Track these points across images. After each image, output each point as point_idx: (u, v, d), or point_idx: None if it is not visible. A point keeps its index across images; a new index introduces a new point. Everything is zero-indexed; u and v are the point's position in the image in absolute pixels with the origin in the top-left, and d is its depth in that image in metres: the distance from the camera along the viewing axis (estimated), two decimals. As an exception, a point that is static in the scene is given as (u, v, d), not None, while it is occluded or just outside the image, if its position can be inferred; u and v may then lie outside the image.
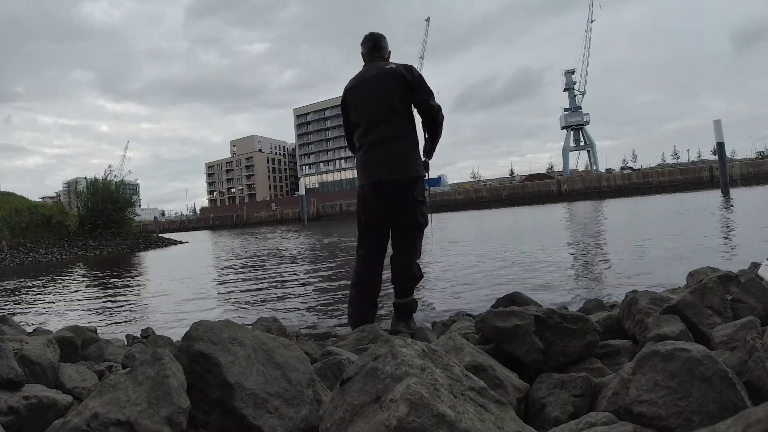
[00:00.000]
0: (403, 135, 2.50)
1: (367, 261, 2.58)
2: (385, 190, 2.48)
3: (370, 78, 2.56)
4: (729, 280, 2.01)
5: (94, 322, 4.01)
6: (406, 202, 2.50)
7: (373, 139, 2.50)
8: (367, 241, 2.59)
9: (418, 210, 2.53)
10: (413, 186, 2.50)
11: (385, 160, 2.47)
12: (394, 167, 2.46)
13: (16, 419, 1.17)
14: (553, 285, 4.19)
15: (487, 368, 1.22)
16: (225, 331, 1.20)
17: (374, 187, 2.50)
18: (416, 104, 2.54)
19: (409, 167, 2.49)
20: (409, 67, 2.54)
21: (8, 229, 17.28)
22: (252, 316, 3.87)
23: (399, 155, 2.48)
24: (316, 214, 51.72)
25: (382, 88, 2.50)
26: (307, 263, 8.46)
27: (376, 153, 2.49)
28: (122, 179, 24.15)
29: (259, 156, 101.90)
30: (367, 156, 2.53)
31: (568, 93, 71.33)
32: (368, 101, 2.54)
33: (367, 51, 2.70)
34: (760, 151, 61.96)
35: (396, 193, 2.48)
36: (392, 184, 2.47)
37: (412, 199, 2.50)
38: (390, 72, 2.50)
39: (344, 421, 0.92)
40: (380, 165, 2.47)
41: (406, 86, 2.48)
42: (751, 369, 1.04)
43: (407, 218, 2.52)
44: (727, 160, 24.97)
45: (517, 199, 43.51)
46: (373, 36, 2.71)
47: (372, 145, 2.51)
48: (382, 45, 2.70)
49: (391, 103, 2.49)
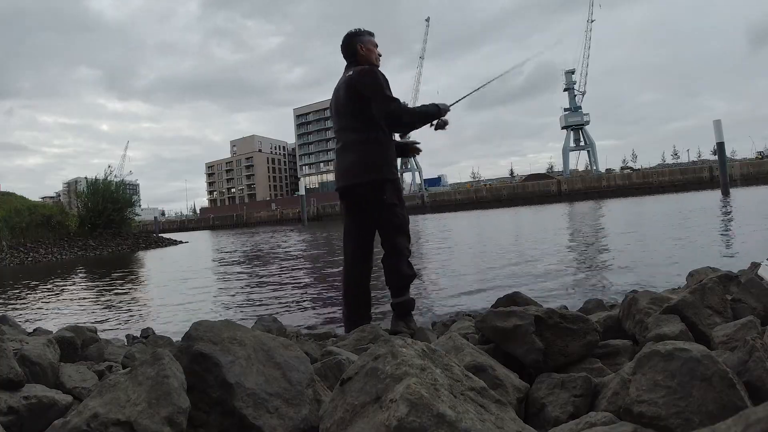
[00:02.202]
0: (365, 139, 2.49)
1: (351, 262, 2.63)
2: (351, 196, 2.56)
3: (337, 87, 2.64)
4: (729, 280, 2.01)
5: (94, 322, 4.01)
6: (377, 206, 2.51)
7: (340, 146, 2.60)
8: (349, 242, 2.64)
9: (392, 212, 2.52)
10: (379, 189, 2.48)
11: (348, 166, 2.53)
12: (357, 173, 2.49)
13: (16, 419, 1.17)
14: (553, 285, 4.19)
15: (487, 368, 1.22)
16: (225, 331, 1.20)
17: (342, 193, 2.60)
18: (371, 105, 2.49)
19: (372, 171, 2.47)
20: (363, 71, 2.50)
21: (8, 229, 17.27)
22: (252, 316, 3.87)
23: (360, 160, 2.49)
24: (316, 214, 51.72)
25: (343, 96, 2.55)
26: (307, 263, 8.46)
27: (341, 159, 2.58)
28: (122, 179, 24.16)
29: (259, 156, 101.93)
30: (336, 163, 2.65)
31: (568, 93, 71.31)
32: (335, 109, 2.64)
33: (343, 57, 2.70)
34: (760, 151, 61.98)
35: (363, 197, 2.52)
36: (355, 189, 2.52)
37: (382, 202, 2.49)
38: (346, 81, 2.54)
39: (344, 421, 0.92)
40: (343, 171, 2.56)
41: (358, 93, 2.47)
42: (751, 369, 1.04)
43: (383, 221, 2.54)
44: (727, 160, 24.96)
45: (517, 199, 43.52)
46: (341, 45, 2.68)
47: (338, 152, 2.61)
48: (353, 49, 2.64)
49: (350, 110, 2.52)
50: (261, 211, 68.48)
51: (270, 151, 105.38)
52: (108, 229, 20.70)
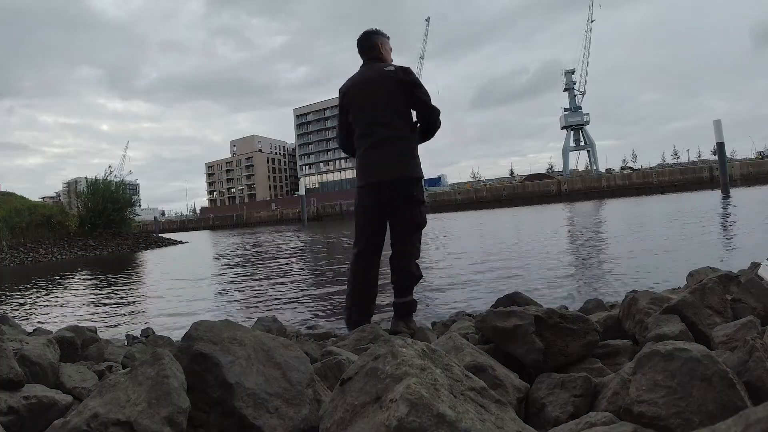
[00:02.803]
0: (403, 136, 2.53)
1: (362, 258, 2.61)
2: (386, 191, 2.51)
3: (370, 79, 2.57)
4: (729, 280, 2.01)
5: (94, 322, 4.01)
6: (408, 203, 2.53)
7: (374, 140, 2.52)
8: (364, 239, 2.61)
9: (419, 210, 2.57)
10: (414, 186, 2.53)
11: (386, 161, 2.49)
12: (395, 168, 2.49)
13: (16, 419, 1.17)
14: (553, 285, 4.19)
15: (487, 368, 1.22)
16: (225, 331, 1.20)
17: (375, 188, 2.53)
18: (415, 106, 2.57)
19: (410, 168, 2.52)
20: (407, 70, 2.56)
21: (8, 229, 17.26)
22: (252, 316, 3.87)
23: (399, 157, 2.50)
24: (316, 214, 51.71)
25: (382, 90, 2.52)
26: (307, 263, 8.46)
27: (377, 154, 2.52)
28: (122, 179, 24.15)
29: (259, 156, 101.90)
30: (368, 157, 2.56)
31: (568, 93, 71.34)
32: (368, 103, 2.55)
33: (360, 53, 2.72)
34: (760, 151, 61.97)
35: (397, 193, 2.51)
36: (393, 185, 2.50)
37: (413, 199, 2.53)
38: (388, 74, 2.52)
39: (344, 421, 0.92)
40: (381, 166, 2.50)
41: (404, 88, 2.50)
42: (751, 369, 1.04)
43: (408, 218, 2.55)
44: (727, 160, 24.96)
45: (517, 199, 43.51)
46: (360, 38, 2.72)
47: (372, 146, 2.53)
48: (373, 43, 2.68)
49: (391, 105, 2.51)
50: (261, 211, 68.48)
51: (270, 151, 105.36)
52: (108, 229, 20.70)
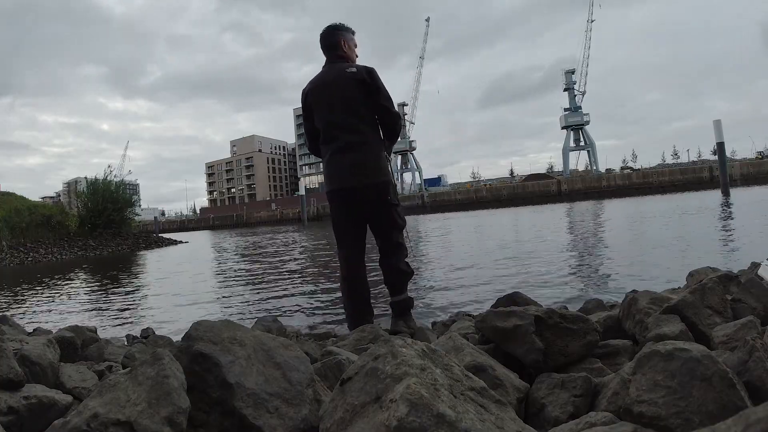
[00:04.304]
0: (368, 141, 2.47)
1: (350, 261, 2.57)
2: (354, 197, 2.47)
3: (331, 81, 2.48)
4: (729, 280, 2.01)
5: (94, 322, 4.01)
6: (383, 207, 2.50)
7: (340, 145, 2.46)
8: (347, 242, 2.58)
9: (396, 212, 2.54)
10: (385, 190, 2.49)
11: (354, 166, 2.43)
12: (365, 173, 2.43)
13: (16, 419, 1.17)
14: (553, 285, 4.19)
15: (487, 368, 1.22)
16: (225, 331, 1.20)
17: (341, 194, 2.49)
18: (376, 111, 2.50)
19: (380, 172, 2.47)
20: (371, 71, 2.48)
21: (8, 229, 17.28)
22: (252, 316, 3.87)
23: (368, 161, 2.45)
24: (316, 214, 51.68)
25: (345, 93, 2.44)
26: (307, 263, 8.46)
27: (344, 159, 2.45)
28: (122, 179, 24.17)
29: (259, 156, 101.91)
30: (334, 162, 2.48)
31: (568, 93, 71.30)
32: (331, 106, 2.47)
33: (323, 50, 2.62)
34: (761, 151, 61.97)
35: (369, 198, 2.47)
36: (363, 191, 2.45)
37: (387, 203, 2.50)
38: (351, 76, 2.44)
39: (344, 421, 0.92)
40: (349, 171, 2.44)
41: (365, 90, 2.44)
42: (751, 369, 1.04)
43: (385, 222, 2.52)
44: (727, 160, 24.95)
45: (517, 199, 43.52)
46: (322, 34, 2.61)
47: (338, 152, 2.46)
48: (335, 41, 2.58)
49: (354, 109, 2.45)
50: (261, 211, 68.49)
51: (270, 151, 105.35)
52: (108, 229, 20.71)
